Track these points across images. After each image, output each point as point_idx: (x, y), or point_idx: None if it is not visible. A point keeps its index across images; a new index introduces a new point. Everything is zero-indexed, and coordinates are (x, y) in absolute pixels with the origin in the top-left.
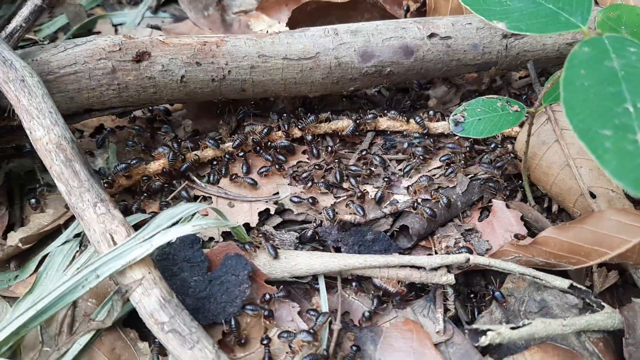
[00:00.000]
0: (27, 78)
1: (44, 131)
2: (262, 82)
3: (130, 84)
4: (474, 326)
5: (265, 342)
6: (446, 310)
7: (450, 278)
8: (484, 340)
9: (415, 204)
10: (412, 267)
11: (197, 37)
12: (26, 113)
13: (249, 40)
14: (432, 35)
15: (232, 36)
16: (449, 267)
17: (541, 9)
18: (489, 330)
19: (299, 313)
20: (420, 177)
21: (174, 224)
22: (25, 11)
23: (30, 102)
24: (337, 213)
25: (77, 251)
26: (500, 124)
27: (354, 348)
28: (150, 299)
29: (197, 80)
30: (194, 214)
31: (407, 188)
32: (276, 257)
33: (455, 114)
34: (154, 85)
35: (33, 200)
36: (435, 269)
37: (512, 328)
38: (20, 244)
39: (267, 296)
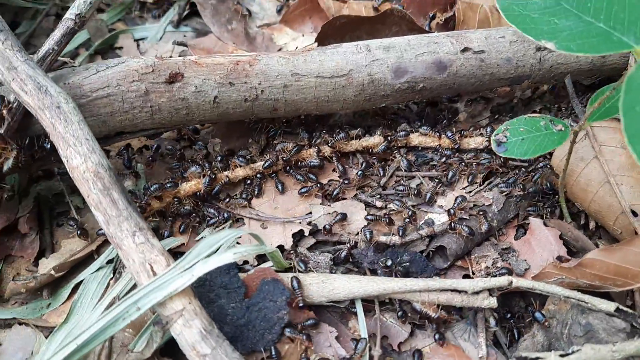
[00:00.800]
0: (62, 104)
1: (81, 159)
2: (295, 101)
3: (163, 106)
4: (522, 354)
5: None
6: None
7: (492, 302)
8: None
9: (453, 224)
10: (453, 291)
11: (229, 56)
12: (62, 141)
13: (281, 59)
14: (465, 50)
15: (264, 55)
16: (490, 290)
17: (592, 28)
18: (537, 358)
19: (337, 338)
20: (458, 197)
21: (213, 252)
22: (57, 33)
23: (66, 129)
24: (373, 234)
25: (112, 278)
26: (545, 144)
27: None
28: (192, 331)
29: (230, 101)
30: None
31: (448, 212)
32: (305, 270)
33: (497, 134)
34: (187, 107)
35: (71, 223)
36: (477, 292)
37: (562, 355)
38: (53, 272)
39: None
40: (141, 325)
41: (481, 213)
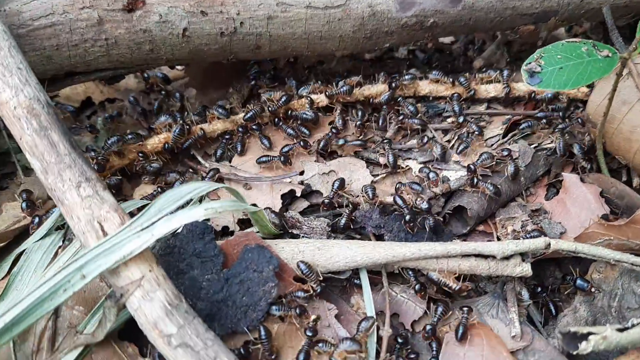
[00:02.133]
0: None
1: (11, 92)
2: (281, 37)
3: (121, 40)
4: (570, 329)
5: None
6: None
7: (526, 269)
8: (585, 347)
9: (475, 180)
10: (477, 256)
11: None
12: None
13: None
14: None
15: None
16: (523, 255)
17: None
18: (590, 334)
19: (337, 316)
20: (482, 153)
21: (179, 208)
22: None
23: None
24: (377, 194)
25: (60, 247)
26: (588, 72)
27: (412, 357)
28: (153, 305)
29: (202, 35)
30: (203, 196)
31: (469, 168)
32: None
33: (529, 63)
34: (150, 41)
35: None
36: (507, 257)
37: (620, 330)
38: None
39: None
40: (94, 301)
41: (505, 154)
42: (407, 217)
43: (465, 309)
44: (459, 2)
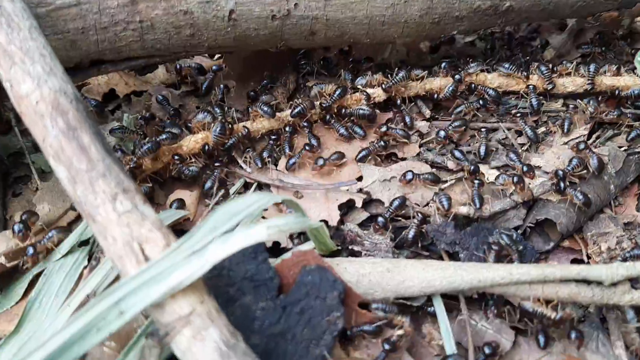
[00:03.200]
0: (4, 2)
1: (33, 83)
2: (340, 22)
3: (158, 22)
4: None
5: None
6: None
7: (636, 297)
8: None
9: (562, 186)
10: (579, 281)
11: None
12: (4, 56)
13: None
14: None
15: None
16: (633, 281)
17: None
18: None
19: (409, 350)
20: (573, 158)
21: (233, 226)
22: None
23: (10, 38)
24: (452, 203)
25: (86, 267)
26: None
27: None
28: (205, 346)
29: (251, 18)
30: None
31: (556, 174)
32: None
33: None
34: (192, 25)
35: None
36: (615, 283)
37: None
38: (4, 260)
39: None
40: (128, 336)
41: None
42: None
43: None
44: None
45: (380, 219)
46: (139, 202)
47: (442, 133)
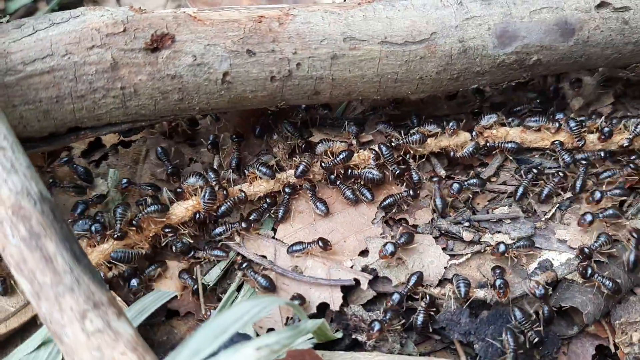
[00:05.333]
0: None
1: None
2: (347, 81)
3: (142, 88)
4: None
5: None
6: None
7: None
8: None
9: (589, 271)
10: None
11: (247, 9)
12: None
13: (328, 15)
14: (602, 5)
15: (302, 8)
16: None
17: None
18: None
19: None
20: (601, 234)
21: (221, 345)
22: None
23: None
24: (470, 289)
25: None
26: None
27: None
28: None
29: (247, 80)
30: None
31: (582, 251)
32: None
33: None
34: (180, 89)
35: None
36: None
37: None
38: None
39: None
40: None
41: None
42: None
43: None
44: (571, 36)
45: (395, 295)
46: (112, 317)
47: (456, 186)
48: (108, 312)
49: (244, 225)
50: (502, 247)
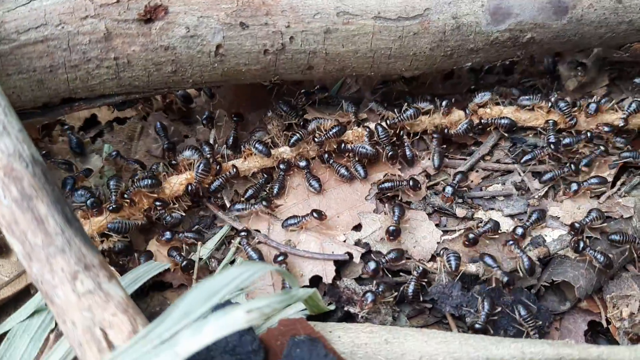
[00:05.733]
0: None
1: None
2: (340, 55)
3: (136, 59)
4: None
5: None
6: None
7: None
8: None
9: (581, 245)
10: None
11: None
12: None
13: None
14: None
15: None
16: None
17: None
18: None
19: None
20: (592, 210)
21: (210, 308)
22: None
23: None
24: (460, 262)
25: (53, 329)
26: None
27: None
28: None
29: (240, 53)
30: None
31: (572, 226)
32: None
33: None
34: (174, 61)
35: None
36: None
37: None
38: None
39: None
40: None
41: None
42: None
43: None
44: (564, 14)
45: (371, 263)
46: (103, 279)
47: (449, 189)
48: (99, 274)
49: (264, 203)
50: (471, 236)
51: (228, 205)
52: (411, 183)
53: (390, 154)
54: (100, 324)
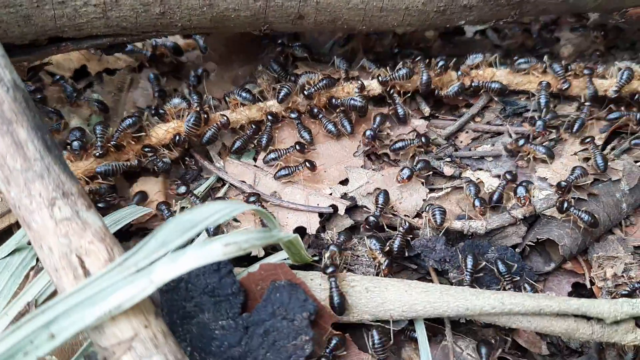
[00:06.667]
0: None
1: None
2: (331, 5)
3: None
4: None
5: None
6: None
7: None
8: None
9: (565, 205)
10: (578, 316)
11: None
12: None
13: None
14: None
15: None
16: (637, 320)
17: None
18: None
19: None
20: (576, 167)
21: (188, 240)
22: None
23: None
24: (445, 217)
25: (33, 267)
26: None
27: None
28: None
29: None
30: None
31: (558, 185)
32: (340, 309)
33: None
34: (162, 2)
35: None
36: (617, 321)
37: None
38: None
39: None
40: (72, 351)
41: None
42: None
43: None
44: None
45: (371, 218)
46: (81, 207)
47: (405, 172)
48: (77, 202)
49: (298, 147)
50: (406, 172)
51: (213, 156)
52: (423, 140)
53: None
54: (77, 250)
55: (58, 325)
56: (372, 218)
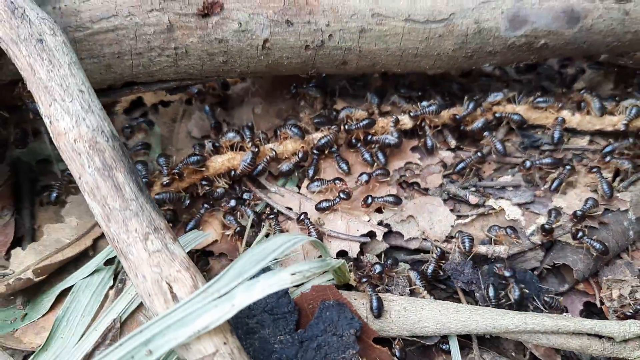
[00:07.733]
0: (47, 37)
1: (72, 121)
2: (372, 53)
3: (193, 49)
4: None
5: None
6: None
7: None
8: None
9: (580, 234)
10: (591, 335)
11: None
12: (44, 92)
13: None
14: None
15: None
16: None
17: None
18: None
19: None
20: (589, 199)
21: (259, 270)
22: None
23: (50, 74)
24: (474, 244)
25: (111, 286)
26: None
27: None
28: None
29: (284, 47)
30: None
31: (574, 215)
32: (379, 315)
33: None
34: (226, 52)
35: (54, 195)
36: (626, 340)
37: None
38: (32, 276)
39: None
40: None
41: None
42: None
43: None
44: (576, 23)
45: (377, 267)
46: (169, 241)
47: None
48: (166, 236)
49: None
50: (364, 177)
51: (265, 184)
52: (478, 154)
53: None
54: (167, 278)
55: (154, 343)
56: (378, 267)
